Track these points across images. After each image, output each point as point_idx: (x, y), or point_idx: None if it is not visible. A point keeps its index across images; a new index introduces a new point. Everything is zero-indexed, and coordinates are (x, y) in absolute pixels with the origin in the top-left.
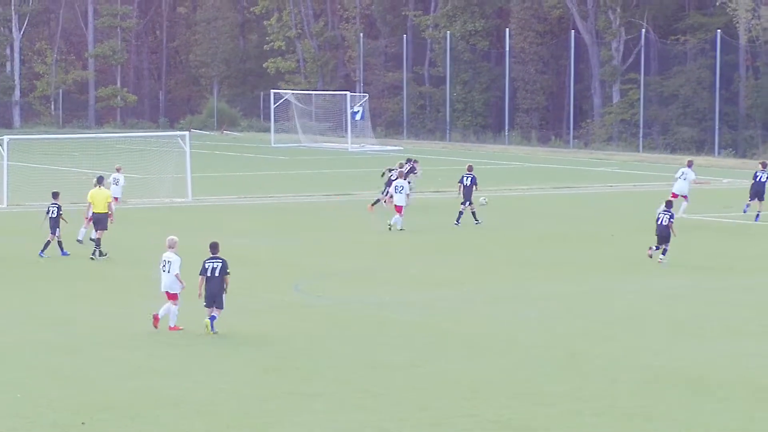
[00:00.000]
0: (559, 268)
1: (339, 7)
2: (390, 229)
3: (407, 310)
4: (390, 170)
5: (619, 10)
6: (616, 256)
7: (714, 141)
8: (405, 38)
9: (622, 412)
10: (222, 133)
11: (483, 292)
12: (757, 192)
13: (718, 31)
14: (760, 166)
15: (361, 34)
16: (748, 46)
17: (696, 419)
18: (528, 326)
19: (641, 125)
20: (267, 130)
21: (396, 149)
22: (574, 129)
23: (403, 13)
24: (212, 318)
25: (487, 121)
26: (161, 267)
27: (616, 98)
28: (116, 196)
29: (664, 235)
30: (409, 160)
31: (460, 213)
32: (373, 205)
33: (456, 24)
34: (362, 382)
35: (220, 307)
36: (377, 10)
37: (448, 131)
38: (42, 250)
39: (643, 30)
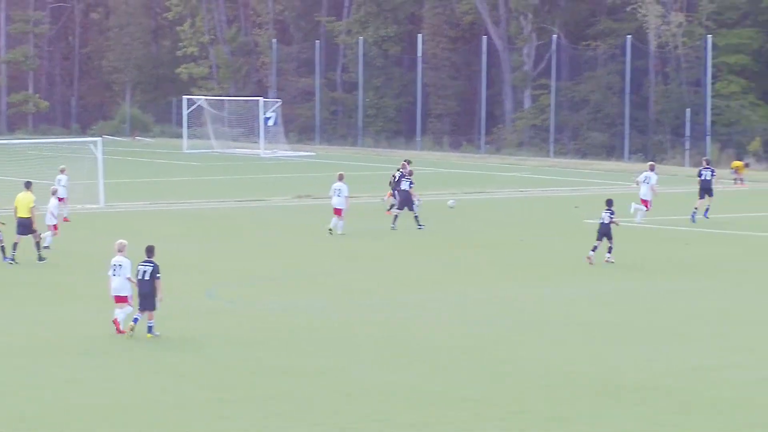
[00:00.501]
0: (481, 273)
1: (252, 12)
2: (331, 233)
3: (321, 316)
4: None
5: (530, 15)
6: (540, 260)
7: (624, 146)
8: (318, 44)
9: (533, 416)
10: (134, 139)
11: (404, 297)
12: (704, 189)
13: (629, 36)
14: (704, 162)
15: (274, 40)
16: (658, 52)
17: (602, 423)
18: (446, 331)
19: (552, 130)
20: (179, 136)
21: (308, 155)
22: (485, 134)
23: (316, 19)
24: (149, 328)
25: (399, 127)
26: (111, 271)
27: (527, 104)
28: (62, 197)
29: (605, 233)
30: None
31: (415, 216)
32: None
33: (368, 30)
34: (275, 388)
35: (150, 309)
36: (290, 16)
37: (360, 137)
38: (4, 256)
39: (555, 36)
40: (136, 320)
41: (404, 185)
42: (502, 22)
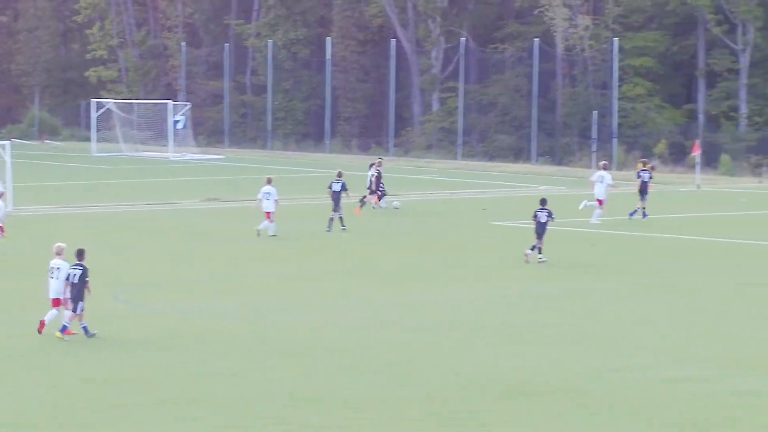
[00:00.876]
0: (391, 275)
1: (161, 15)
2: (258, 235)
3: (230, 319)
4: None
5: (438, 18)
6: (448, 262)
7: (531, 148)
8: (227, 47)
9: (443, 417)
10: (43, 142)
11: (310, 300)
12: (641, 190)
13: (536, 39)
14: (640, 164)
15: (183, 43)
16: (565, 55)
17: (511, 425)
18: (354, 334)
19: (460, 133)
20: (88, 139)
21: (218, 158)
22: (394, 137)
23: (225, 22)
24: (62, 327)
25: (309, 130)
26: (50, 274)
27: (435, 106)
28: None
29: (541, 233)
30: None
31: (331, 220)
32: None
33: (278, 33)
34: (184, 391)
35: (74, 311)
36: (199, 19)
37: (269, 140)
38: None
39: (463, 39)
40: (84, 328)
41: (335, 187)
42: (411, 26)
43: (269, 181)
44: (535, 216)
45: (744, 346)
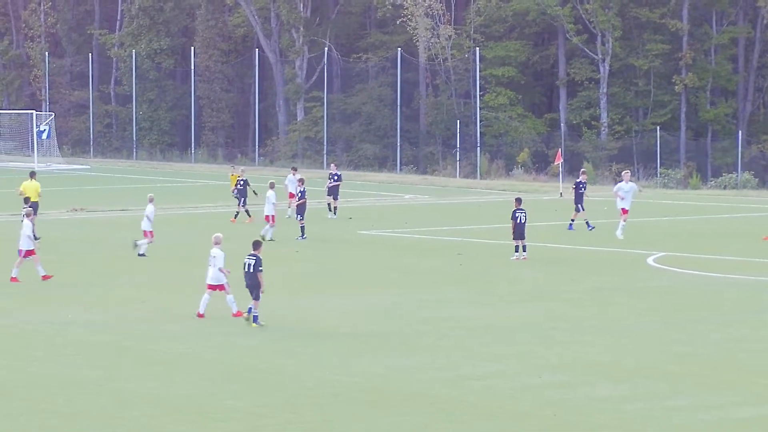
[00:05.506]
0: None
1: (23, 25)
2: (265, 240)
3: (89, 329)
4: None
5: (302, 28)
6: (313, 272)
7: (396, 157)
8: (90, 57)
9: (303, 426)
10: None
11: (165, 310)
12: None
13: (399, 49)
14: (581, 176)
15: (47, 53)
16: (428, 64)
17: (375, 430)
18: (211, 343)
19: (325, 142)
20: None
21: (83, 168)
22: (259, 146)
23: (89, 32)
24: (248, 309)
25: (174, 140)
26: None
27: (300, 116)
28: None
29: (521, 232)
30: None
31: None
32: (246, 216)
33: (141, 42)
34: (50, 402)
35: (256, 298)
36: (62, 29)
37: (134, 149)
38: None
39: (326, 48)
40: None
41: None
42: (274, 35)
43: (272, 186)
44: (513, 216)
45: (596, 352)
